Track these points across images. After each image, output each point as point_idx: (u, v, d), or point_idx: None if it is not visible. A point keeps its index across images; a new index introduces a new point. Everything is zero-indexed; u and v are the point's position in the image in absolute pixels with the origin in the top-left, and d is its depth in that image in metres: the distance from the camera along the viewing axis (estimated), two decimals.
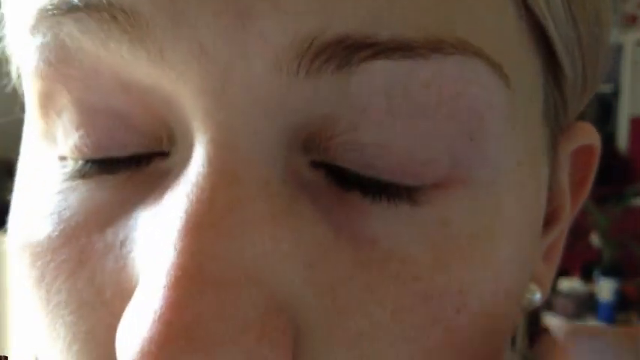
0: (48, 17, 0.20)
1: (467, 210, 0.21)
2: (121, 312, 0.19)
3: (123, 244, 0.20)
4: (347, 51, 0.19)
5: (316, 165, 0.20)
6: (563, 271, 2.52)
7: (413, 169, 0.20)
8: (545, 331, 0.31)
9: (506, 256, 0.22)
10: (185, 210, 0.18)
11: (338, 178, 0.20)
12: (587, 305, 2.27)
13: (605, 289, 2.22)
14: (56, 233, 0.21)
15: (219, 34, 0.18)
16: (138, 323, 0.18)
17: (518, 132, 0.22)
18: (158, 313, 0.17)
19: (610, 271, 2.26)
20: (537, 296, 0.27)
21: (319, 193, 0.20)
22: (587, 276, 2.40)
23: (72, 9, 0.19)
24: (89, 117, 0.21)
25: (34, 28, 0.21)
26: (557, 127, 0.25)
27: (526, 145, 0.23)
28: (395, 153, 0.20)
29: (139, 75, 0.20)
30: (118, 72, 0.20)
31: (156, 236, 0.19)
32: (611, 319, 2.22)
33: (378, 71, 0.19)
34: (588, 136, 0.28)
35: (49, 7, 0.20)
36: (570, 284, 2.30)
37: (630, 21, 3.17)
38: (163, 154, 0.21)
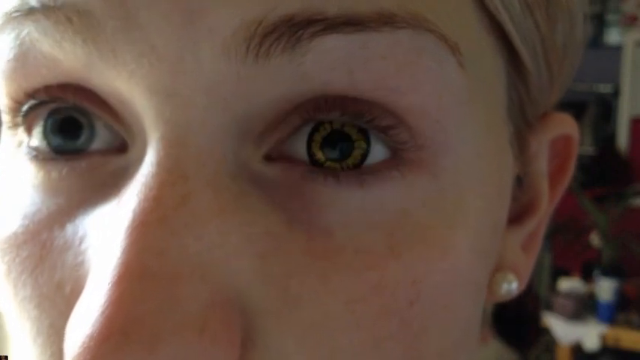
0: (12, 19, 0.21)
1: (429, 200, 0.21)
2: None
3: (82, 240, 0.21)
4: (295, 28, 0.19)
5: (270, 158, 0.21)
6: (563, 271, 2.52)
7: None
8: (546, 330, 0.31)
9: (465, 248, 0.22)
10: (133, 209, 0.19)
11: (293, 170, 0.21)
12: (587, 305, 2.27)
13: (605, 289, 2.22)
14: (21, 229, 0.22)
15: (169, 34, 0.19)
16: (82, 319, 0.18)
17: (478, 122, 0.22)
18: (101, 310, 0.17)
19: (610, 271, 2.26)
20: (514, 285, 0.27)
21: (272, 187, 0.20)
22: (587, 276, 2.40)
23: (31, 11, 0.20)
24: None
25: (1, 29, 0.22)
26: (523, 121, 0.26)
27: (487, 136, 0.23)
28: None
29: (94, 75, 0.20)
30: (74, 72, 0.21)
31: (108, 234, 0.19)
32: (611, 319, 2.22)
33: (333, 46, 0.19)
34: (565, 126, 0.28)
35: (12, 9, 0.21)
36: (570, 284, 2.30)
37: (630, 21, 3.17)
38: (123, 150, 0.21)
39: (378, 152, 0.21)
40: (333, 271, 0.20)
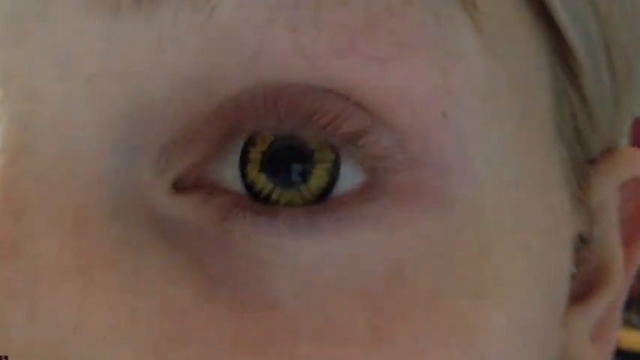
0: None
1: (435, 250, 0.14)
2: None
3: None
4: None
5: (183, 187, 0.14)
6: None
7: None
8: None
9: (502, 329, 0.14)
10: None
11: (218, 204, 0.14)
12: None
13: None
14: None
15: None
16: None
17: (511, 129, 0.15)
18: None
19: None
20: None
21: (184, 232, 0.13)
22: None
23: None
24: None
25: None
26: (582, 150, 0.18)
27: (526, 155, 0.15)
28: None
29: None
30: None
31: None
32: None
33: None
34: (638, 164, 0.20)
35: None
36: None
37: None
38: None
39: (349, 175, 0.14)
40: None
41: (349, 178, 0.14)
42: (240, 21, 0.12)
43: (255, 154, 0.14)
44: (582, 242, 0.18)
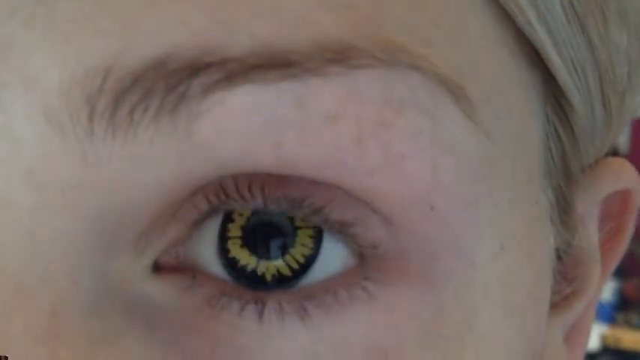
0: None
1: (419, 328, 0.14)
2: None
3: None
4: (173, 80, 0.12)
5: (161, 267, 0.13)
6: None
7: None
8: None
9: None
10: None
11: (203, 291, 0.13)
12: None
13: (605, 289, 2.22)
14: None
15: None
16: None
17: (501, 199, 0.15)
18: None
19: None
20: None
21: (163, 317, 0.13)
22: None
23: None
24: None
25: None
26: (566, 178, 0.18)
27: (514, 218, 0.16)
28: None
29: None
30: None
31: None
32: (611, 319, 2.22)
33: (244, 105, 0.12)
34: (622, 177, 0.20)
35: None
36: None
37: None
38: None
39: (332, 256, 0.14)
40: None
41: (332, 260, 0.14)
42: (219, 139, 0.12)
43: (235, 231, 0.14)
44: (561, 253, 0.19)
